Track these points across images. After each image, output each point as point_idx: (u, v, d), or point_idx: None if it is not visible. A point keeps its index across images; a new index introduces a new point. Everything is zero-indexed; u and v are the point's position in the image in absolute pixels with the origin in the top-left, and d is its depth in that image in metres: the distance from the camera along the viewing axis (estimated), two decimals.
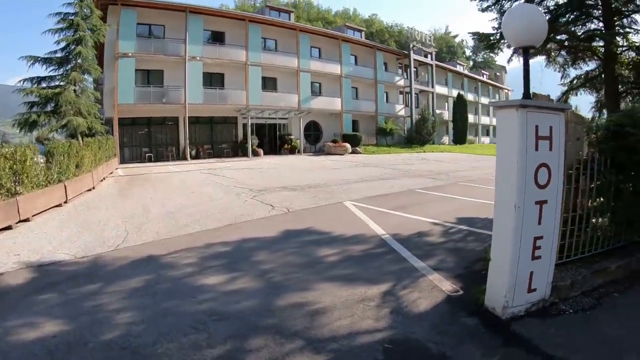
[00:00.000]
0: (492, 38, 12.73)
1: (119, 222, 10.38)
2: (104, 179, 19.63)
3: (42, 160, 13.11)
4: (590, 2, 12.03)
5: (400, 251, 7.46)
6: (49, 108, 24.11)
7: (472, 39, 14.95)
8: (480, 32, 13.21)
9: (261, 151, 35.28)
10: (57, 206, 12.81)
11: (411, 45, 53.01)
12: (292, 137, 39.17)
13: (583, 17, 12.32)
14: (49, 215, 11.65)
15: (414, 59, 53.12)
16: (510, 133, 4.44)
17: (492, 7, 12.75)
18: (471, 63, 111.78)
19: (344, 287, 5.65)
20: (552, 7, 12.35)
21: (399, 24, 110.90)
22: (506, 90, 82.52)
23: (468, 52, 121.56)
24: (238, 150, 35.87)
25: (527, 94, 4.74)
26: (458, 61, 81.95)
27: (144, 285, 5.88)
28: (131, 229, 9.62)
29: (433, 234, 8.78)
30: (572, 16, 12.29)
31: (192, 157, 32.40)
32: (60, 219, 11.20)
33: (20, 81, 24.30)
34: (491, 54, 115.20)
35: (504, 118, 4.55)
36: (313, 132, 43.10)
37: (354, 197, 13.65)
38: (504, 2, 12.48)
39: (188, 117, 32.48)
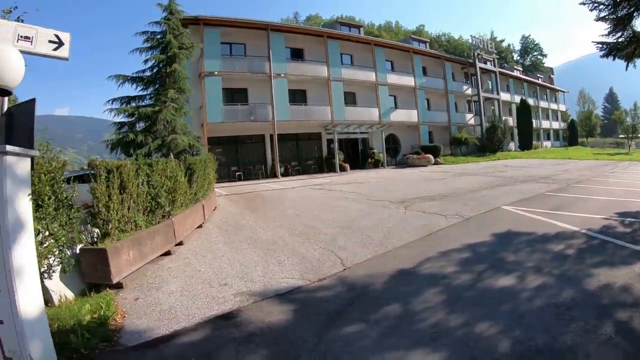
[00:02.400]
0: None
1: (300, 241, 9.35)
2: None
3: None
4: None
5: (616, 241, 7.84)
6: (137, 128, 22.32)
7: (599, 49, 13.29)
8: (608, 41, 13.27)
9: (347, 166, 33.54)
10: (198, 227, 11.19)
11: (475, 54, 50.70)
12: (375, 150, 37.09)
13: None
14: (198, 237, 10.29)
15: (480, 67, 50.33)
16: None
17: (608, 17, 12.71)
18: (520, 67, 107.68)
19: (622, 269, 6.21)
20: None
21: (446, 33, 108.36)
22: (562, 92, 78.63)
23: (515, 57, 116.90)
24: (324, 165, 34.37)
25: None
26: (515, 66, 78.38)
27: (445, 296, 5.55)
28: (326, 247, 8.68)
29: (619, 227, 9.14)
30: None
31: (281, 175, 30.65)
32: (215, 240, 9.95)
33: (108, 101, 22.71)
34: (539, 57, 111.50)
35: None
36: (392, 145, 40.92)
37: (502, 202, 13.16)
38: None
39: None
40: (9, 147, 3.92)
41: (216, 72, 29.18)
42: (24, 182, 4.20)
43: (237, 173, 30.36)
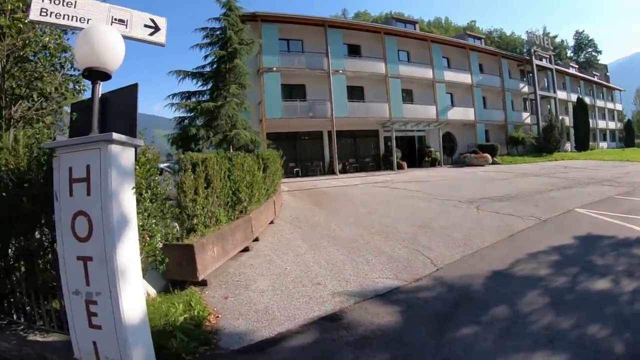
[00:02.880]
0: None
1: (381, 239, 9.01)
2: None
3: None
4: None
5: None
6: (197, 122, 22.20)
7: None
8: None
9: (405, 164, 32.67)
10: (270, 223, 10.90)
11: (532, 50, 48.37)
12: (432, 149, 36.14)
13: None
14: (272, 234, 10.05)
15: (536, 64, 48.12)
16: None
17: None
18: (575, 64, 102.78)
19: None
20: None
21: (498, 29, 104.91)
22: (618, 90, 74.56)
23: (569, 53, 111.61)
24: (380, 163, 33.73)
25: None
26: (570, 64, 74.74)
27: (548, 298, 5.33)
28: (409, 246, 8.37)
29: None
30: None
31: (339, 172, 30.27)
32: (292, 237, 9.70)
33: (169, 96, 22.87)
34: (593, 53, 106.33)
35: None
36: (448, 144, 39.69)
37: (574, 204, 12.36)
38: None
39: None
40: (115, 135, 3.54)
41: (275, 68, 28.97)
42: (129, 175, 3.81)
43: (295, 169, 30.05)
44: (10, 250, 4.63)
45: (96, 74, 3.96)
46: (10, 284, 4.67)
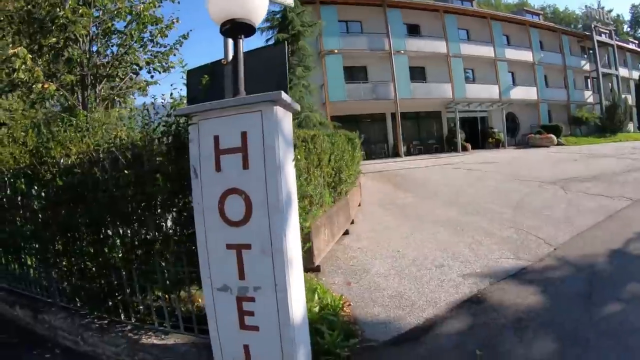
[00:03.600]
0: None
1: (482, 220, 8.40)
2: None
3: None
4: None
5: None
6: None
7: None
8: None
9: (469, 145, 31.37)
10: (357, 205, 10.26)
11: (592, 26, 44.91)
12: (495, 130, 34.58)
13: None
14: (363, 216, 9.58)
15: (597, 40, 44.77)
16: None
17: None
18: (635, 40, 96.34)
19: None
20: None
21: (551, 5, 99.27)
22: None
23: (625, 28, 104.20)
24: (444, 145, 32.54)
25: None
26: (630, 39, 69.65)
27: None
28: (514, 226, 7.74)
29: None
30: None
31: (404, 154, 29.47)
32: (387, 219, 9.16)
33: None
34: None
35: None
36: (510, 124, 37.62)
37: None
38: None
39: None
40: (284, 95, 2.85)
41: (336, 50, 28.32)
42: (290, 144, 3.12)
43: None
44: (125, 238, 3.95)
45: (240, 28, 3.22)
46: (119, 278, 3.97)
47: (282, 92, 2.84)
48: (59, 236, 4.28)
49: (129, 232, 3.91)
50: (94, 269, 4.12)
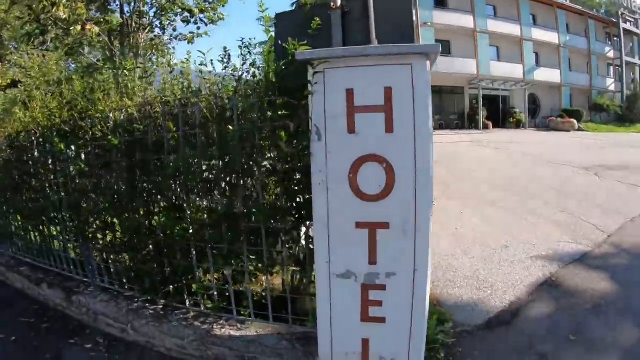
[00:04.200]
0: None
1: (531, 203, 8.17)
2: None
3: None
4: None
5: None
6: None
7: None
8: None
9: (490, 124, 30.90)
10: None
11: (619, 12, 43.40)
12: (517, 110, 33.87)
13: None
14: None
15: (623, 28, 43.41)
16: None
17: None
18: None
19: None
20: None
21: None
22: None
23: None
24: (465, 122, 31.96)
25: None
26: None
27: None
28: (564, 211, 7.49)
29: None
30: None
31: None
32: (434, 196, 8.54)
33: None
34: None
35: None
36: (531, 106, 36.72)
37: None
38: None
39: None
40: (437, 48, 2.37)
41: None
42: (430, 108, 2.58)
43: None
44: (203, 211, 3.31)
45: None
46: (185, 259, 3.33)
47: (437, 45, 2.37)
48: (107, 206, 3.58)
49: (212, 204, 3.28)
50: (151, 246, 3.49)
